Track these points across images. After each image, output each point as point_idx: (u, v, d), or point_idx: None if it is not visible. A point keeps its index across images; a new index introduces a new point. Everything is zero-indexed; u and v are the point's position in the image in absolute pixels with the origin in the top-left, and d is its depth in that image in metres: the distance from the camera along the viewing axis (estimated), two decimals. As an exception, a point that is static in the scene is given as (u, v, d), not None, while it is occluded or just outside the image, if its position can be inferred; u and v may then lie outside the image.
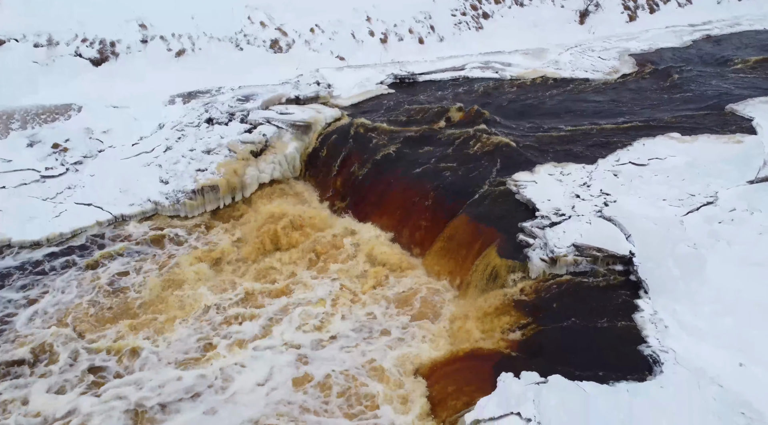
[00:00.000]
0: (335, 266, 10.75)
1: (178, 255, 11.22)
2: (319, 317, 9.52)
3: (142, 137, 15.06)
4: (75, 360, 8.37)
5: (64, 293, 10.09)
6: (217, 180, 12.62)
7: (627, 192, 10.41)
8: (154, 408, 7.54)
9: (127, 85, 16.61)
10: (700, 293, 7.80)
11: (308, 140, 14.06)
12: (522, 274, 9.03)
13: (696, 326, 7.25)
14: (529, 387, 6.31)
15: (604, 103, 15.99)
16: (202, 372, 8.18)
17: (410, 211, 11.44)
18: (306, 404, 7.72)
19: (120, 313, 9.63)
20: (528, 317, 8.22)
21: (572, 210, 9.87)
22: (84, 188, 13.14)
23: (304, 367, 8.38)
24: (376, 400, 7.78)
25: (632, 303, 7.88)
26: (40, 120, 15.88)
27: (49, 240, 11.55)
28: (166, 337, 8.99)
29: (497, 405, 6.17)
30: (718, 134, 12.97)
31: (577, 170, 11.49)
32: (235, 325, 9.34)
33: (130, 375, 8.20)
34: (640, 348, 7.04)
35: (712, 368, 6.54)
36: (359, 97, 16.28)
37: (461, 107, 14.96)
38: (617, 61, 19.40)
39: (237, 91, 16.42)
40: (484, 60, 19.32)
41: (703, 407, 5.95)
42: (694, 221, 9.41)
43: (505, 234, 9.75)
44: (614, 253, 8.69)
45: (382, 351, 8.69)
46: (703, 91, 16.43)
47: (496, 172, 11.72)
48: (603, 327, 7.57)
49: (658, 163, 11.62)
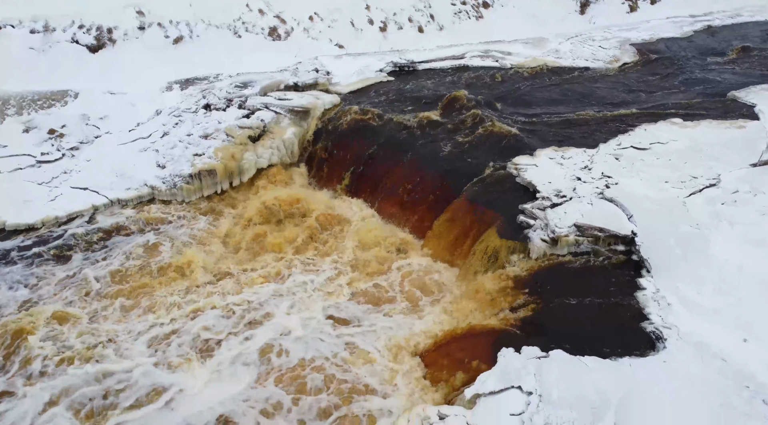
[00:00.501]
0: (333, 247, 10.64)
1: (174, 238, 11.10)
2: (313, 299, 9.42)
3: (139, 123, 14.93)
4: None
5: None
6: (214, 164, 12.49)
7: (629, 175, 10.30)
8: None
9: (124, 72, 16.50)
10: (703, 271, 7.70)
11: (307, 126, 13.93)
12: (522, 255, 8.92)
13: (699, 303, 7.15)
14: (530, 361, 6.21)
15: (605, 91, 15.87)
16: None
17: (410, 194, 11.33)
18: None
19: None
20: (528, 296, 8.11)
21: (573, 192, 9.76)
22: (80, 172, 13.02)
23: (287, 354, 8.21)
24: (374, 380, 7.66)
25: (634, 282, 7.78)
26: (36, 106, 15.75)
27: (44, 223, 11.43)
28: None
29: (498, 379, 6.07)
30: (720, 120, 12.84)
31: (578, 153, 11.38)
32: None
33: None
34: (642, 325, 6.94)
35: (715, 343, 6.44)
36: (358, 84, 16.13)
37: (461, 93, 14.83)
38: (618, 51, 19.27)
39: (235, 78, 16.29)
40: (484, 49, 19.18)
41: (706, 380, 5.85)
42: (696, 202, 9.31)
43: (505, 216, 9.64)
44: (616, 233, 8.58)
45: (381, 331, 8.58)
46: (705, 79, 16.30)
47: (496, 156, 11.59)
48: (605, 305, 7.46)
49: (660, 147, 11.51)
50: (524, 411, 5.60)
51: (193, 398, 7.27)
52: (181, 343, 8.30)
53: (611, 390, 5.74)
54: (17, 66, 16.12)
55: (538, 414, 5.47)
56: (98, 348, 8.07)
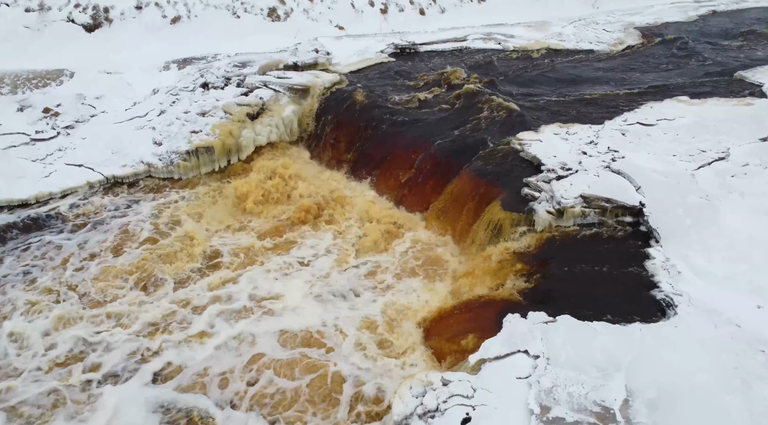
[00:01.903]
0: (334, 224, 10.42)
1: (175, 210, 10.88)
2: (316, 275, 9.21)
3: (135, 102, 14.67)
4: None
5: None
6: (211, 141, 12.25)
7: (635, 149, 10.08)
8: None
9: (120, 52, 16.21)
10: (713, 240, 7.48)
11: (306, 104, 13.67)
12: (527, 227, 8.69)
13: (710, 271, 6.93)
14: (537, 326, 5.99)
15: (609, 72, 15.62)
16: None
17: (412, 170, 11.09)
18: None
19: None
20: (533, 268, 7.89)
21: (579, 165, 9.53)
22: (75, 149, 12.76)
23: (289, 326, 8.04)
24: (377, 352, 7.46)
25: (643, 252, 7.56)
26: (31, 85, 15.46)
27: (38, 199, 11.20)
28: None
29: (503, 343, 5.86)
30: (727, 98, 12.63)
31: (583, 129, 11.15)
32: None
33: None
34: (652, 293, 6.72)
35: (728, 310, 6.22)
36: (359, 64, 15.87)
37: (464, 72, 14.59)
38: (622, 34, 19.01)
39: (233, 57, 16.00)
40: (486, 32, 18.91)
41: (720, 344, 5.64)
42: (705, 174, 9.09)
43: (509, 189, 9.41)
44: (623, 203, 8.35)
45: (383, 304, 8.38)
46: (711, 60, 16.06)
47: (499, 132, 11.36)
48: (613, 274, 7.25)
49: (667, 123, 11.29)
50: (531, 374, 5.39)
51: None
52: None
53: (621, 353, 5.53)
54: (12, 45, 15.82)
55: (546, 376, 5.26)
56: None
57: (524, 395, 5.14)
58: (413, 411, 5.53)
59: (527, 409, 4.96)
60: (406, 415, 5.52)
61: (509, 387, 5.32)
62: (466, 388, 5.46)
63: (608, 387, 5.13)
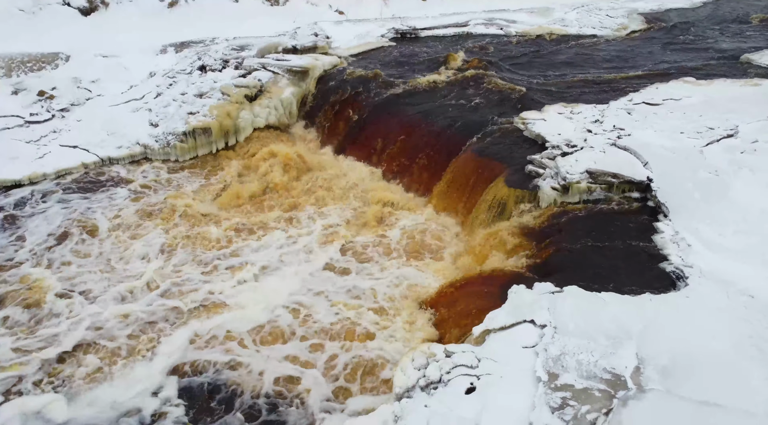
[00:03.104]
0: (334, 206, 10.20)
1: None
2: (315, 252, 9.00)
3: (132, 85, 14.45)
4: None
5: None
6: (209, 122, 12.02)
7: (642, 127, 9.85)
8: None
9: (117, 36, 15.96)
10: (725, 214, 7.26)
11: (305, 86, 13.44)
12: (531, 204, 8.48)
13: (721, 244, 6.71)
14: (543, 296, 5.78)
15: (613, 55, 15.38)
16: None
17: (413, 151, 10.88)
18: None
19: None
20: (538, 243, 7.68)
21: (584, 142, 9.30)
22: (70, 131, 12.55)
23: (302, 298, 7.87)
24: (375, 327, 7.26)
25: (651, 226, 7.34)
26: (26, 68, 15.23)
27: (32, 180, 10.98)
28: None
29: (508, 314, 5.64)
30: (734, 79, 12.41)
31: (588, 109, 10.93)
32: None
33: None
34: (661, 266, 6.51)
35: (740, 281, 6.00)
36: (359, 48, 15.65)
37: (466, 55, 14.35)
38: (626, 19, 18.76)
39: (231, 41, 15.77)
40: (488, 17, 18.66)
41: (734, 314, 5.43)
42: (714, 150, 8.86)
43: (512, 167, 9.20)
44: (631, 178, 8.13)
45: (384, 284, 8.16)
46: (717, 44, 15.83)
47: (502, 112, 11.15)
48: (620, 248, 7.03)
49: (673, 102, 11.07)
50: (538, 343, 5.17)
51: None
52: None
53: (631, 322, 5.31)
54: (6, 27, 15.58)
55: (553, 344, 5.05)
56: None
57: (531, 363, 4.93)
58: (415, 383, 5.32)
59: (534, 377, 4.74)
60: (408, 387, 5.30)
61: (515, 356, 5.10)
62: (470, 359, 5.25)
63: (619, 354, 4.91)
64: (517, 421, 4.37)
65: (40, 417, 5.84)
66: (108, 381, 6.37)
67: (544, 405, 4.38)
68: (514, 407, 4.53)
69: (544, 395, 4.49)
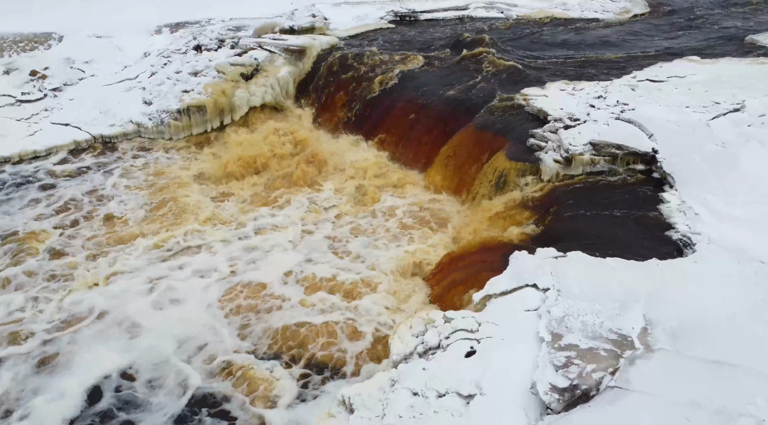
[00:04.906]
0: (333, 182, 9.98)
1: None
2: (317, 226, 8.78)
3: (125, 65, 14.21)
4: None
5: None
6: (203, 100, 11.77)
7: (646, 102, 9.60)
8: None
9: (111, 16, 15.70)
10: (733, 185, 7.03)
11: (303, 65, 13.18)
12: (533, 177, 8.26)
13: (730, 213, 6.49)
14: (546, 261, 5.56)
15: (616, 37, 15.12)
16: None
17: (412, 127, 10.65)
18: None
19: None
20: (541, 215, 7.45)
21: (587, 116, 9.07)
22: (62, 109, 12.32)
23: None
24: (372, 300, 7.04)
25: (656, 196, 7.12)
26: (18, 48, 14.97)
27: (21, 157, 10.74)
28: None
29: (509, 279, 5.43)
30: (740, 58, 12.16)
31: (591, 85, 10.67)
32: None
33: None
34: (667, 234, 6.29)
35: (750, 249, 5.77)
36: (357, 29, 15.39)
37: (467, 35, 14.09)
38: (628, 3, 18.50)
39: (228, 22, 15.53)
40: (489, 0, 18.37)
41: (743, 279, 5.21)
42: (721, 124, 8.62)
43: (514, 141, 8.97)
44: (636, 150, 7.90)
45: (383, 257, 7.94)
46: (721, 26, 15.57)
47: (503, 89, 10.90)
48: (625, 217, 6.82)
49: (678, 80, 10.81)
50: (540, 306, 4.95)
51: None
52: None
53: (638, 286, 5.09)
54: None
55: (557, 306, 4.83)
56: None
57: (534, 326, 4.71)
58: (413, 349, 5.10)
59: (537, 338, 4.52)
60: (406, 354, 5.08)
61: (517, 320, 4.89)
62: (470, 323, 5.04)
63: (625, 317, 4.69)
64: (520, 381, 4.15)
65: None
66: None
67: (547, 363, 4.16)
68: (516, 368, 4.31)
69: (547, 354, 4.27)
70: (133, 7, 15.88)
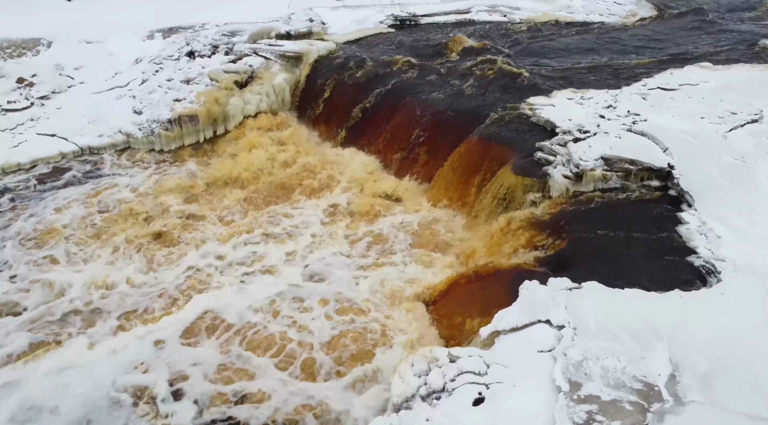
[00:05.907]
0: (331, 197, 9.54)
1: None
2: (312, 247, 8.33)
3: (117, 72, 13.74)
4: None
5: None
6: (196, 109, 11.31)
7: (658, 112, 9.17)
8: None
9: (102, 21, 15.24)
10: (755, 202, 6.60)
11: (299, 72, 12.74)
12: (541, 194, 7.80)
13: (754, 233, 6.05)
14: (559, 293, 5.11)
15: (622, 42, 14.68)
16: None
17: (414, 138, 10.19)
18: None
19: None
20: (550, 236, 6.99)
21: (597, 128, 8.62)
22: (48, 119, 11.86)
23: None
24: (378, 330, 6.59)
25: (674, 216, 6.68)
26: (5, 54, 14.51)
27: (5, 169, 10.29)
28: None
29: (520, 312, 4.98)
30: (753, 64, 11.72)
31: (600, 94, 10.23)
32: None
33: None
34: (689, 259, 5.84)
35: (780, 275, 5.35)
36: (356, 34, 14.94)
37: (467, 38, 13.65)
38: (634, 6, 18.08)
39: (222, 27, 15.03)
40: (491, 3, 17.95)
41: (777, 312, 4.76)
42: (738, 135, 8.20)
43: (520, 154, 8.52)
44: (650, 165, 7.45)
45: (384, 279, 7.49)
46: (730, 30, 15.14)
47: (507, 98, 10.44)
48: (642, 240, 6.36)
49: (691, 87, 10.37)
50: (555, 346, 4.51)
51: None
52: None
53: (660, 320, 4.66)
54: (-14, 12, 14.88)
55: (574, 347, 4.39)
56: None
57: (548, 370, 4.27)
58: (415, 391, 4.65)
59: (553, 386, 4.08)
60: (407, 397, 4.64)
61: (530, 362, 4.44)
62: (477, 364, 4.59)
63: (649, 359, 4.26)
64: (535, 440, 3.71)
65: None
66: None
67: (566, 419, 3.72)
68: (530, 422, 3.87)
69: (565, 408, 3.83)
70: (125, 12, 15.44)
